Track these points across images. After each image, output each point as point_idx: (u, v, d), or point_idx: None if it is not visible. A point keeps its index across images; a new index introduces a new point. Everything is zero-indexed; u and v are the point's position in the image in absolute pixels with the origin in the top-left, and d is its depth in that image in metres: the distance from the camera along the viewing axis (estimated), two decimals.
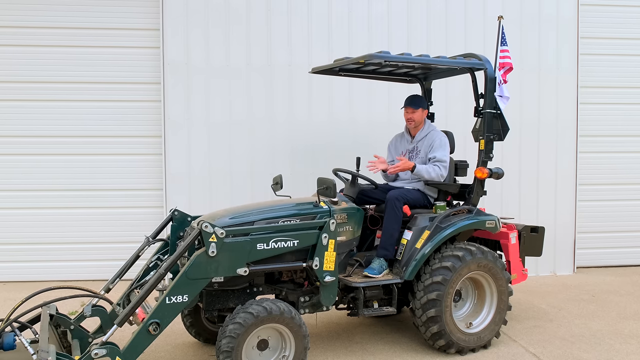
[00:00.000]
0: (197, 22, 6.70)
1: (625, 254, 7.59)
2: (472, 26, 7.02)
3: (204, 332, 4.67)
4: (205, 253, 3.66)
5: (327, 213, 4.23)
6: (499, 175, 4.77)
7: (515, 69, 5.16)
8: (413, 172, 4.73)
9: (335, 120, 6.88)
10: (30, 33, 6.68)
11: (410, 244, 4.47)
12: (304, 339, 3.85)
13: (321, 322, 5.30)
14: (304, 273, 4.29)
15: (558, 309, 5.74)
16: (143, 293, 3.59)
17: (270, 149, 6.82)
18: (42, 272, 6.70)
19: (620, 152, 7.48)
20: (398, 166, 4.74)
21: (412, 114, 4.96)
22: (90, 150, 6.77)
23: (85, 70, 6.72)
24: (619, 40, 7.36)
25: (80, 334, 3.84)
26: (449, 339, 4.38)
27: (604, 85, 7.39)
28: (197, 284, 3.68)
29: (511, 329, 5.09)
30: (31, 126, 6.73)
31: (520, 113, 7.02)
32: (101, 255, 6.71)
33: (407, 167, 4.73)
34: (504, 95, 4.78)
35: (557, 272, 7.30)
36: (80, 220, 6.77)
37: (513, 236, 5.04)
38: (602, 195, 7.45)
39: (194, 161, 6.75)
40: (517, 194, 7.15)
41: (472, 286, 4.74)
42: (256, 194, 6.58)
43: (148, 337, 3.49)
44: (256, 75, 6.79)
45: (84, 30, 6.71)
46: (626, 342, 4.77)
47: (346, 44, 6.82)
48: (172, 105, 6.70)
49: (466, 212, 4.71)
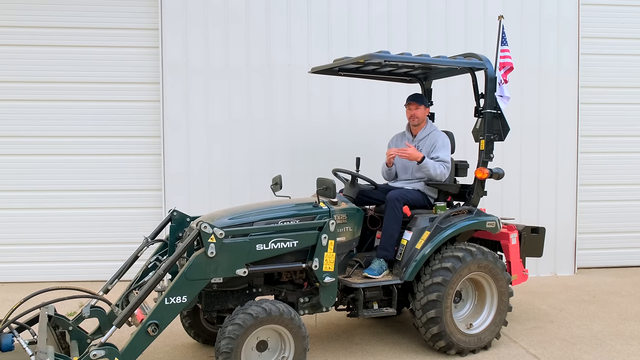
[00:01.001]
0: (196, 21, 6.68)
1: (626, 254, 7.57)
2: (473, 26, 7.01)
3: (203, 333, 4.66)
4: (205, 254, 3.64)
5: (327, 213, 4.21)
6: (499, 175, 4.76)
7: (515, 69, 5.14)
8: (420, 163, 4.68)
9: (334, 121, 6.86)
10: (28, 33, 6.66)
11: (410, 244, 4.46)
12: (304, 340, 3.83)
13: (321, 323, 5.29)
14: (304, 274, 4.27)
15: (559, 310, 5.72)
16: (142, 294, 3.58)
17: (270, 149, 6.80)
18: (41, 272, 6.67)
19: (621, 153, 7.47)
20: (406, 151, 4.69)
21: (415, 111, 4.93)
22: (89, 151, 6.76)
23: (83, 70, 6.70)
24: (620, 40, 7.35)
25: (79, 335, 3.82)
26: (449, 340, 4.37)
27: (605, 85, 7.37)
28: (196, 284, 3.66)
29: (512, 330, 5.07)
30: (28, 126, 6.70)
31: (521, 113, 7.01)
32: (100, 255, 6.69)
33: (416, 157, 4.68)
34: (505, 95, 4.77)
35: (558, 272, 7.29)
36: (78, 221, 6.75)
37: (513, 237, 5.03)
38: (603, 195, 7.44)
39: (193, 161, 6.73)
40: (517, 194, 7.13)
41: (472, 287, 4.73)
42: (255, 194, 6.56)
43: (147, 338, 3.48)
44: (255, 75, 6.77)
45: (82, 30, 6.69)
46: (627, 344, 4.75)
47: (346, 43, 6.81)
48: (171, 106, 6.69)
49: (466, 212, 4.69)
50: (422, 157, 4.68)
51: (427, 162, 4.68)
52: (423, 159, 4.67)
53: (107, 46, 6.71)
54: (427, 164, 4.68)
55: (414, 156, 4.68)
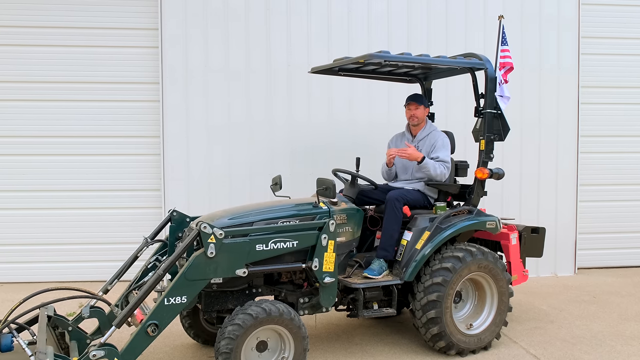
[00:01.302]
0: (196, 22, 6.67)
1: (626, 254, 7.56)
2: (473, 26, 7.00)
3: (202, 333, 4.65)
4: (204, 254, 3.64)
5: (327, 214, 4.21)
6: (499, 175, 4.75)
7: (515, 69, 5.14)
8: (420, 163, 4.67)
9: (334, 121, 6.85)
10: (27, 32, 6.65)
11: (410, 244, 4.45)
12: (304, 340, 3.83)
13: (321, 324, 5.28)
14: (304, 274, 4.27)
15: (559, 310, 5.71)
16: (141, 294, 3.57)
17: (270, 149, 6.79)
18: (40, 273, 6.66)
19: (621, 153, 7.46)
20: (406, 151, 4.69)
21: (415, 111, 4.93)
22: (88, 151, 6.74)
23: (82, 70, 6.69)
24: (620, 40, 7.34)
25: (79, 335, 3.81)
26: (449, 341, 4.36)
27: (605, 85, 7.36)
28: (196, 285, 3.66)
29: (512, 330, 5.06)
30: (26, 126, 6.68)
31: (521, 113, 7.00)
32: (99, 256, 6.68)
33: (416, 157, 4.67)
34: (505, 95, 4.76)
35: (558, 273, 7.28)
36: (78, 221, 6.74)
37: (514, 237, 5.02)
38: (604, 195, 7.43)
39: (193, 161, 6.72)
40: (517, 194, 7.13)
41: (472, 287, 4.72)
42: (255, 194, 6.54)
43: (146, 339, 3.48)
44: (255, 75, 6.76)
45: (81, 30, 6.68)
46: (627, 344, 4.75)
47: (346, 43, 6.80)
48: (170, 105, 6.67)
49: (466, 212, 4.68)
50: (423, 157, 4.67)
51: (427, 162, 4.68)
52: (423, 159, 4.67)
53: (107, 46, 6.69)
54: (427, 164, 4.68)
55: (414, 156, 4.68)
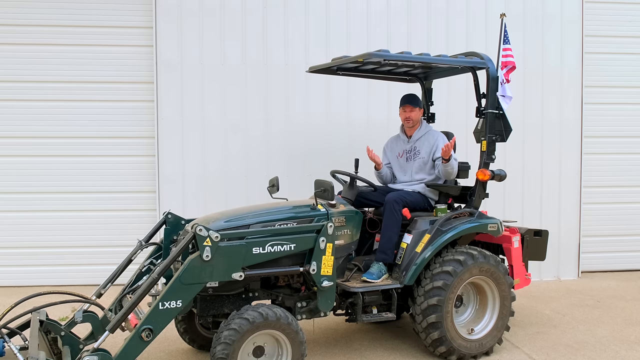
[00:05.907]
0: (191, 19, 6.63)
1: (631, 258, 7.53)
2: (474, 24, 6.97)
3: (198, 338, 4.63)
4: (200, 257, 3.61)
5: (325, 216, 4.19)
6: (501, 177, 4.73)
7: (518, 68, 5.10)
8: (448, 161, 4.59)
9: (333, 121, 6.82)
10: (18, 31, 6.58)
11: (410, 247, 4.42)
12: (301, 345, 3.79)
13: (319, 328, 5.25)
14: (301, 278, 4.23)
15: (562, 315, 5.68)
16: (135, 298, 3.56)
17: (266, 149, 6.76)
18: (32, 276, 6.59)
19: (626, 154, 7.42)
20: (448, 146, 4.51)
21: (410, 113, 4.93)
22: (80, 152, 6.67)
23: (75, 69, 6.62)
24: (625, 39, 7.31)
25: (71, 340, 3.78)
26: (450, 346, 4.33)
27: (610, 85, 7.33)
28: (191, 289, 3.63)
29: (514, 335, 5.02)
30: (18, 127, 6.60)
31: (523, 113, 6.96)
32: (92, 259, 6.63)
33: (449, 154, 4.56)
34: (507, 95, 4.75)
35: (561, 276, 7.24)
36: (70, 224, 6.68)
37: (516, 240, 4.99)
38: (608, 197, 7.39)
39: (188, 162, 6.67)
40: (520, 196, 7.08)
41: (473, 291, 4.69)
42: (252, 196, 6.49)
43: (141, 344, 3.45)
44: (252, 75, 6.72)
45: (74, 28, 6.62)
46: (632, 349, 4.71)
47: (344, 42, 6.76)
48: (165, 105, 6.63)
49: (468, 215, 4.66)
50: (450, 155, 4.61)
51: (453, 162, 4.64)
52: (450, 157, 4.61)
53: (100, 45, 6.63)
54: (453, 163, 4.64)
55: (449, 153, 4.59)
